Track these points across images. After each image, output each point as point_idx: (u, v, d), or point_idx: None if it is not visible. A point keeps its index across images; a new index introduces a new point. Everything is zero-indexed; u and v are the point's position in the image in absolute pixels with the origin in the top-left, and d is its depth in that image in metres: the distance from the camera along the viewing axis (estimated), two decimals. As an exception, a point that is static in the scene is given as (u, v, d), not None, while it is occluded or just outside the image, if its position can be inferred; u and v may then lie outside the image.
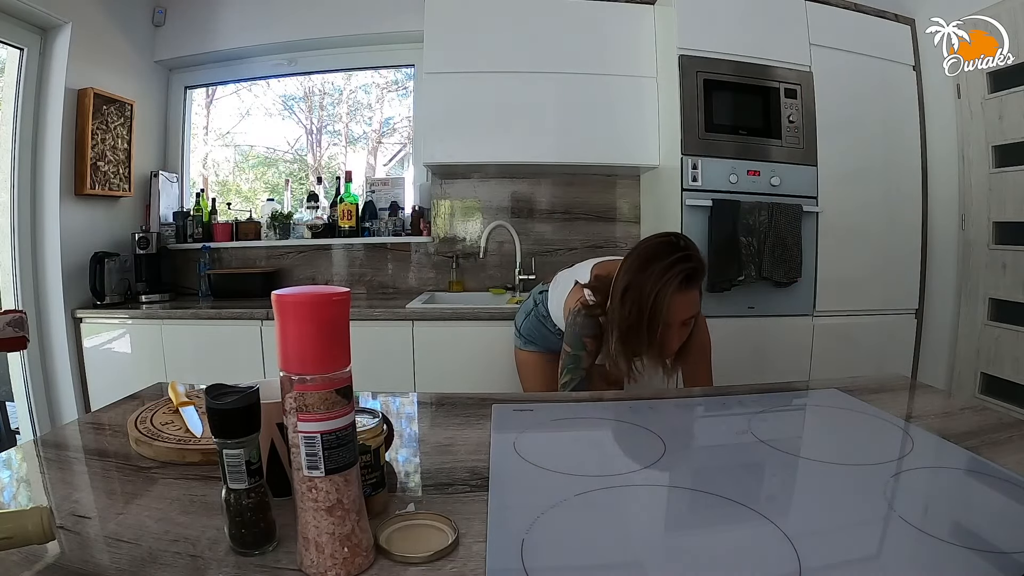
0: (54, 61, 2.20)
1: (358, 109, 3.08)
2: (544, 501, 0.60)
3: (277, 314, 0.47)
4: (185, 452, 0.71)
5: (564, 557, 0.52)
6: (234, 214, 2.86)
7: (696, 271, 1.10)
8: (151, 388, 1.04)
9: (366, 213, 2.69)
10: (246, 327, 2.18)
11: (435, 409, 0.96)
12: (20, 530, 0.47)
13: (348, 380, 0.49)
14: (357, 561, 0.49)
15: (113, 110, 2.39)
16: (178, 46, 2.68)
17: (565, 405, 0.94)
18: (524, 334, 1.58)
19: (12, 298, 2.19)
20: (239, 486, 0.51)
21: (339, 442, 0.48)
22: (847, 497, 0.60)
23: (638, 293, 1.09)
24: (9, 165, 2.15)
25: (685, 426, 0.89)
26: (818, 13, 2.20)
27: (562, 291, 1.41)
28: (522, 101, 2.24)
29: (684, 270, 1.07)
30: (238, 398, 0.51)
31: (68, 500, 0.62)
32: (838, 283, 2.23)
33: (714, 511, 0.59)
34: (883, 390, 0.98)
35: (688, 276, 1.08)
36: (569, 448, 0.80)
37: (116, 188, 2.44)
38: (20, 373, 2.22)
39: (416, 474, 0.70)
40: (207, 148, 3.03)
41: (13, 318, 0.94)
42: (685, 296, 1.09)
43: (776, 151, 2.16)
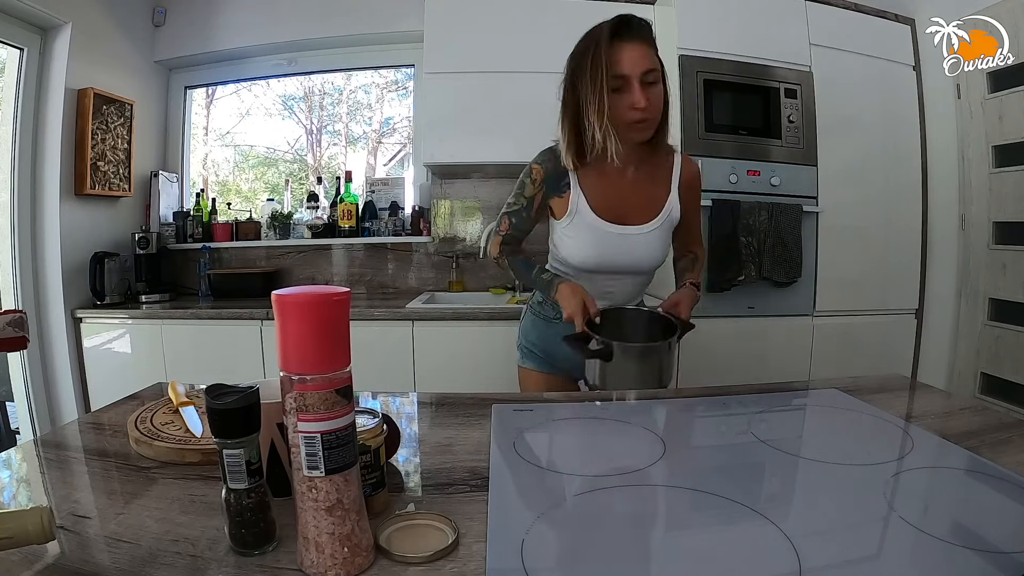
0: (54, 61, 2.20)
1: (358, 109, 3.08)
2: (544, 501, 0.60)
3: (277, 314, 0.47)
4: (185, 452, 0.71)
5: (564, 557, 0.52)
6: (234, 214, 2.86)
7: (627, 20, 1.07)
8: (151, 388, 1.04)
9: (366, 213, 2.69)
10: (246, 327, 2.18)
11: (435, 409, 0.96)
12: (20, 530, 0.47)
13: (348, 380, 0.49)
14: (357, 561, 0.49)
15: (113, 110, 2.39)
16: (178, 46, 2.68)
17: (565, 405, 0.94)
18: (522, 342, 1.41)
19: (12, 298, 2.19)
20: (239, 486, 0.51)
21: (339, 442, 0.48)
22: (847, 497, 0.60)
23: (576, 63, 1.09)
24: (9, 165, 2.15)
25: (685, 426, 0.89)
26: (818, 13, 2.20)
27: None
28: (522, 101, 2.23)
29: (612, 21, 1.06)
30: (238, 398, 0.51)
31: (68, 500, 0.62)
32: (838, 283, 2.23)
33: (714, 511, 0.59)
34: (883, 390, 0.98)
35: (616, 25, 1.06)
36: (569, 448, 0.80)
37: (116, 188, 2.44)
38: (20, 373, 2.22)
39: (416, 474, 0.70)
40: (207, 148, 3.03)
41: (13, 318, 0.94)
42: (624, 46, 1.05)
43: (776, 151, 2.16)
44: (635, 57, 1.05)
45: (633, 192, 1.21)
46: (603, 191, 1.20)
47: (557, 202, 1.22)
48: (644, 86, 1.06)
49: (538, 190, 1.22)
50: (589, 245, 1.20)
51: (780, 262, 2.11)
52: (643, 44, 1.07)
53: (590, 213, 1.19)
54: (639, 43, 1.06)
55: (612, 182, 1.20)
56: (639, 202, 1.21)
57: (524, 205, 1.24)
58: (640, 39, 1.07)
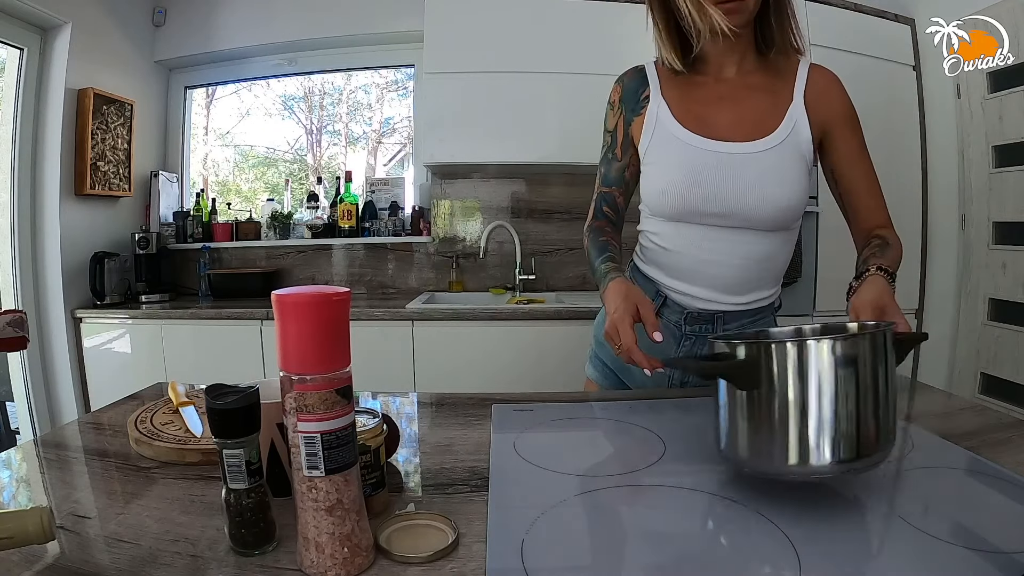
0: (54, 61, 2.20)
1: (358, 109, 3.08)
2: (544, 501, 0.60)
3: (277, 314, 0.47)
4: (185, 452, 0.71)
5: (564, 557, 0.52)
6: (234, 214, 2.86)
7: None
8: (151, 388, 1.04)
9: (366, 213, 2.69)
10: (246, 327, 2.18)
11: (435, 409, 0.96)
12: (20, 530, 0.47)
13: (348, 380, 0.49)
14: (357, 561, 0.49)
15: (113, 110, 2.39)
16: (178, 46, 2.68)
17: (565, 405, 0.94)
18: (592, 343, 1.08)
19: (12, 298, 2.19)
20: (239, 486, 0.51)
21: (339, 442, 0.48)
22: (847, 497, 0.60)
23: None
24: (9, 165, 2.15)
25: (685, 426, 0.89)
26: (818, 13, 2.20)
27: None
28: (522, 101, 2.24)
29: None
30: (238, 398, 0.51)
31: (68, 500, 0.62)
32: (838, 283, 2.21)
33: (714, 511, 0.59)
34: (883, 390, 0.98)
35: None
36: (569, 448, 0.80)
37: (116, 188, 2.44)
38: (20, 373, 2.22)
39: (416, 474, 0.70)
40: (207, 148, 3.03)
41: (13, 318, 0.94)
42: None
43: (776, 151, 2.16)
44: None
45: (738, 99, 0.88)
46: (694, 98, 0.90)
47: (636, 123, 0.93)
48: None
49: (618, 115, 0.94)
50: (673, 167, 0.87)
51: (780, 262, 2.10)
52: None
53: (673, 122, 0.88)
54: None
55: (708, 90, 0.90)
56: (747, 112, 0.88)
57: (608, 144, 0.96)
58: None
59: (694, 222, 0.89)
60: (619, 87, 0.97)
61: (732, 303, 0.92)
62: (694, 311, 0.93)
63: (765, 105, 0.88)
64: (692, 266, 0.90)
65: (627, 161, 0.95)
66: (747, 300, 0.93)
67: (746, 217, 0.87)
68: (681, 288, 0.93)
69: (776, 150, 0.86)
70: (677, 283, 0.93)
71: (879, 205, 0.93)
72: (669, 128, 0.89)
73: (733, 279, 0.91)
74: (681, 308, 0.94)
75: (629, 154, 0.95)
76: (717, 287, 0.91)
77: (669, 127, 0.89)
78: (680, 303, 0.94)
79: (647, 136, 0.91)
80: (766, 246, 0.90)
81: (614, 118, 0.96)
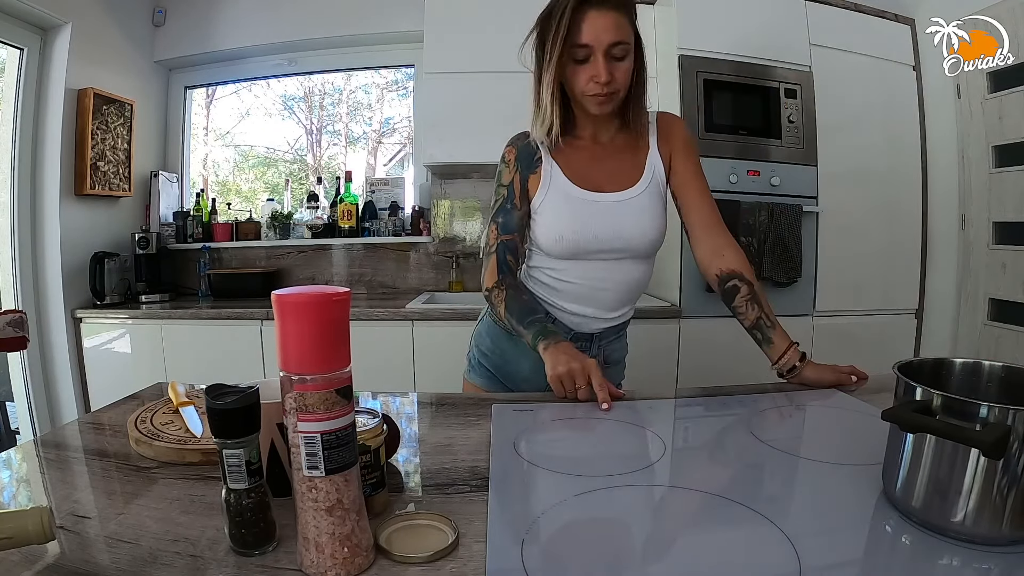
0: (54, 61, 2.20)
1: (358, 109, 3.08)
2: (544, 501, 0.60)
3: (277, 314, 0.47)
4: (185, 452, 0.71)
5: (564, 557, 0.52)
6: (234, 214, 2.86)
7: None
8: (151, 388, 1.04)
9: (366, 213, 2.69)
10: (246, 327, 2.18)
11: (435, 409, 0.96)
12: (20, 530, 0.47)
13: (348, 380, 0.49)
14: (357, 561, 0.49)
15: (113, 110, 2.39)
16: (178, 46, 2.68)
17: (565, 405, 0.94)
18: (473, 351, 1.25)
19: (12, 298, 2.19)
20: (239, 486, 0.51)
21: (339, 442, 0.48)
22: (847, 497, 0.60)
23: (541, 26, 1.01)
24: (9, 165, 2.15)
25: (685, 426, 0.89)
26: (818, 13, 2.20)
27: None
28: (522, 101, 2.21)
29: None
30: (238, 398, 0.51)
31: (68, 500, 0.62)
32: (838, 283, 2.23)
33: (714, 511, 0.59)
34: (883, 390, 0.98)
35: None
36: (569, 448, 0.80)
37: (116, 188, 2.44)
38: (20, 373, 2.22)
39: (416, 474, 0.70)
40: (207, 148, 3.03)
41: (13, 318, 0.94)
42: (591, 13, 0.95)
43: (776, 151, 2.16)
44: (601, 26, 0.95)
45: (610, 158, 1.09)
46: (578, 161, 1.09)
47: (532, 179, 1.09)
48: (609, 59, 0.97)
49: (514, 172, 1.10)
50: (566, 217, 1.06)
51: (780, 262, 2.11)
52: (614, 12, 0.96)
53: (565, 181, 1.07)
54: (609, 11, 0.96)
55: (587, 152, 1.09)
56: (619, 167, 1.09)
57: (505, 196, 1.10)
58: (611, 7, 0.96)
59: (585, 258, 1.08)
60: (514, 149, 1.12)
61: (611, 317, 1.13)
62: (578, 332, 1.13)
63: (631, 160, 1.10)
64: (586, 293, 1.09)
65: (524, 210, 1.10)
66: (621, 313, 1.15)
67: (627, 249, 1.08)
68: (575, 309, 1.11)
69: (645, 194, 1.08)
70: (573, 305, 1.11)
71: (712, 213, 1.11)
72: (561, 185, 1.07)
73: (616, 299, 1.12)
74: (568, 329, 1.13)
75: (525, 205, 1.10)
76: (605, 306, 1.12)
77: (561, 184, 1.07)
78: (567, 323, 1.13)
79: (542, 191, 1.08)
80: (641, 269, 1.12)
81: (510, 174, 1.11)
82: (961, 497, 0.51)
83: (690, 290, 2.12)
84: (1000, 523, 0.50)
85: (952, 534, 0.52)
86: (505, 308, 1.06)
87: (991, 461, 0.49)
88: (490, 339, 1.20)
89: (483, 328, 1.23)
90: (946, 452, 0.51)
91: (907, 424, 0.53)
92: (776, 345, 1.03)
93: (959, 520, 0.51)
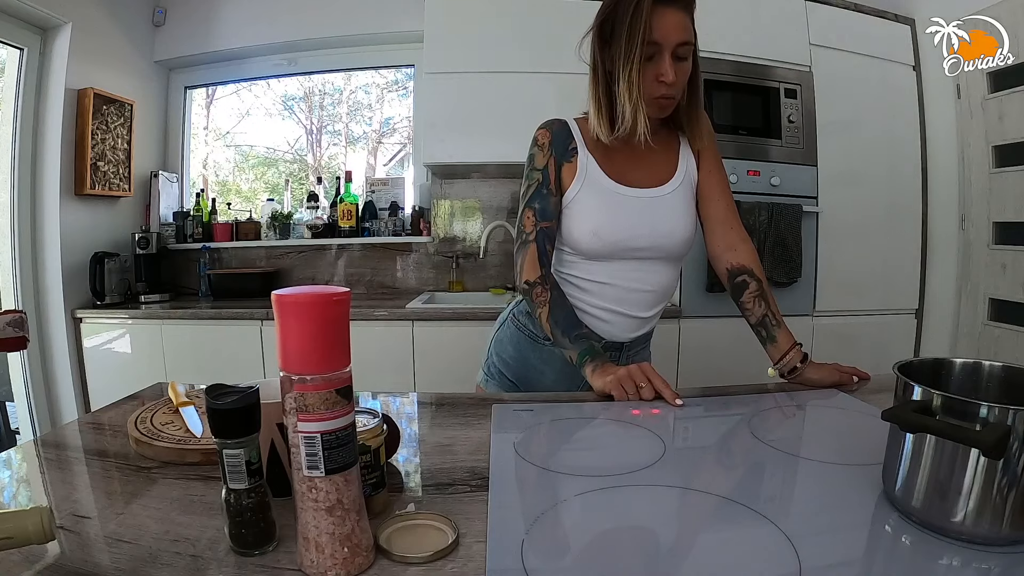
0: (54, 61, 2.20)
1: (358, 109, 3.08)
2: (544, 501, 0.60)
3: (277, 314, 0.47)
4: (185, 452, 0.71)
5: (564, 557, 0.52)
6: (234, 214, 2.86)
7: None
8: (151, 388, 1.04)
9: (366, 213, 2.69)
10: (246, 327, 2.18)
11: (435, 409, 0.96)
12: (20, 530, 0.47)
13: (348, 380, 0.49)
14: (357, 561, 0.49)
15: (113, 110, 2.39)
16: (178, 46, 2.68)
17: (565, 405, 0.94)
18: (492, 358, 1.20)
19: (12, 298, 2.19)
20: (239, 486, 0.51)
21: (339, 442, 0.48)
22: (847, 497, 0.60)
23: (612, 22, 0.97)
24: (9, 165, 2.15)
25: (685, 426, 0.89)
26: (818, 13, 2.20)
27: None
28: (522, 101, 2.23)
29: None
30: (238, 398, 0.51)
31: (68, 500, 0.62)
32: (838, 283, 2.23)
33: (714, 511, 0.59)
34: (883, 390, 0.98)
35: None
36: (569, 448, 0.80)
37: (116, 188, 2.44)
38: (20, 373, 2.22)
39: (416, 474, 0.70)
40: (207, 148, 3.03)
41: (13, 318, 0.94)
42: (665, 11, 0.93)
43: (776, 151, 2.16)
44: (672, 24, 0.94)
45: (646, 154, 1.06)
46: (614, 155, 1.06)
47: (566, 169, 1.05)
48: (675, 59, 0.95)
49: (548, 156, 1.05)
50: (602, 212, 1.03)
51: (780, 262, 2.11)
52: (683, 12, 0.95)
53: (601, 175, 1.04)
54: (680, 10, 0.95)
55: (622, 146, 1.05)
56: (653, 163, 1.07)
57: (540, 180, 1.05)
58: (681, 6, 0.95)
59: (617, 257, 1.05)
60: (548, 132, 1.08)
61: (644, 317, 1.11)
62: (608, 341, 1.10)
63: (664, 156, 1.09)
64: (615, 296, 1.07)
65: (559, 198, 1.06)
66: (650, 315, 1.12)
67: (660, 251, 1.06)
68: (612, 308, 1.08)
69: (678, 191, 1.07)
70: (611, 304, 1.08)
71: (729, 208, 1.10)
72: (597, 178, 1.04)
73: (648, 301, 1.10)
74: (599, 338, 1.09)
75: (559, 194, 1.06)
76: (640, 306, 1.09)
77: (597, 178, 1.04)
78: (599, 331, 1.09)
79: (577, 183, 1.04)
80: (672, 271, 1.10)
81: (544, 158, 1.06)
82: (961, 497, 0.50)
83: (690, 290, 2.12)
84: (1000, 523, 0.50)
85: (952, 534, 0.52)
86: (549, 313, 1.01)
87: (991, 461, 0.49)
88: (513, 347, 1.15)
89: (506, 336, 1.17)
90: (946, 452, 0.51)
91: (907, 424, 0.53)
92: (779, 344, 1.03)
93: (959, 520, 0.51)
